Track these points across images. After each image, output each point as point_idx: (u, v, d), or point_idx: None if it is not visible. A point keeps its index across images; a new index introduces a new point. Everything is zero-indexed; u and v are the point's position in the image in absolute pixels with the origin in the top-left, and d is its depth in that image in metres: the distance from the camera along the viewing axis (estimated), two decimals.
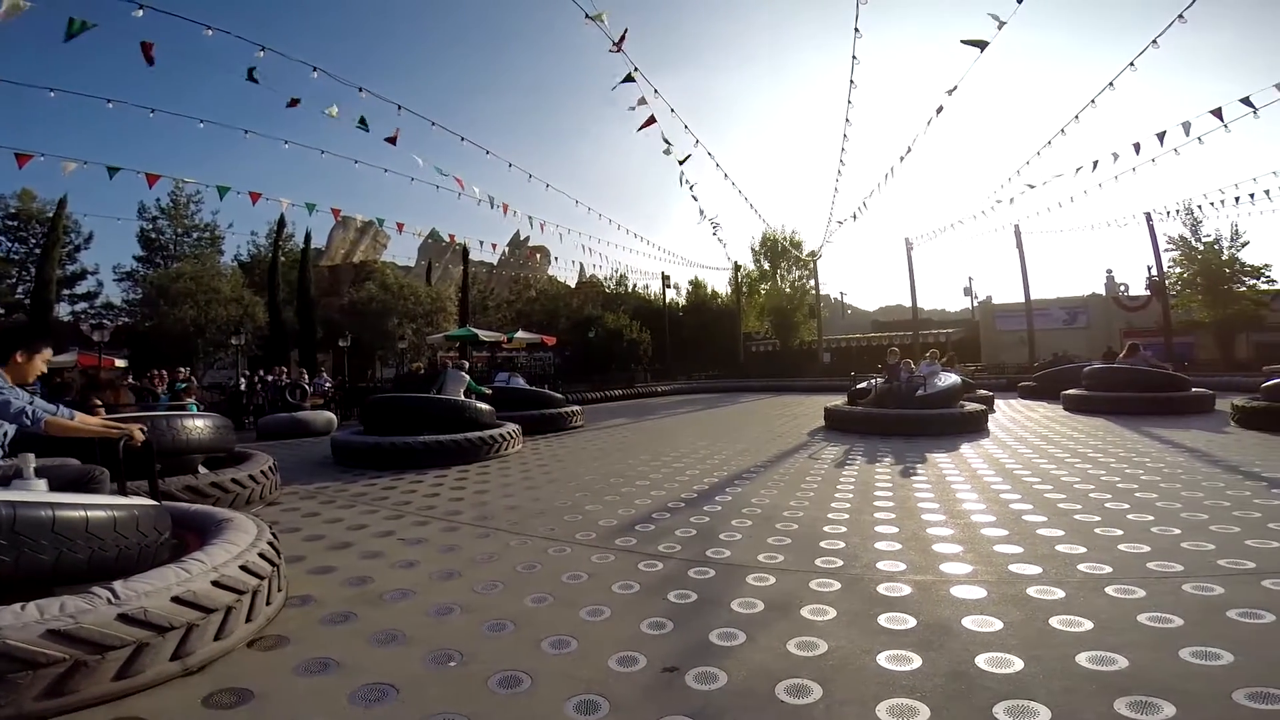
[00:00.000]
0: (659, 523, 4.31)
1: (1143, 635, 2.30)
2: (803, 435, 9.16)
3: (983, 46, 8.36)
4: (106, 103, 9.39)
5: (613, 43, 8.39)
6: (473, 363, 17.96)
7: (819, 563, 3.32)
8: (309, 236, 30.26)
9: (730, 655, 2.27)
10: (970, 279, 41.45)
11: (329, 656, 2.32)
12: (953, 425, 8.62)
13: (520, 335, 22.54)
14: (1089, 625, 2.39)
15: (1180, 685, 1.92)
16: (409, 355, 25.60)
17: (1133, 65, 8.97)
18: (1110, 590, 2.75)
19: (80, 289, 28.27)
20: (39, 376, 2.89)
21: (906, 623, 2.50)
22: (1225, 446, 6.71)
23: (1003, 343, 28.96)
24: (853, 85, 10.79)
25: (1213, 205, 16.71)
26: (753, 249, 32.97)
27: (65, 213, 24.85)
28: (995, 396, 13.08)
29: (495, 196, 13.36)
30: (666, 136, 10.85)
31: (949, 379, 9.89)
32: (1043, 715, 1.80)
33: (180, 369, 13.80)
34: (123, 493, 2.83)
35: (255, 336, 25.60)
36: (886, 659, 2.19)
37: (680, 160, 11.53)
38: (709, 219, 14.39)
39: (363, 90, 9.51)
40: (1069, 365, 15.70)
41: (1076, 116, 10.57)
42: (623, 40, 8.39)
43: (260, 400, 14.26)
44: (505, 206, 13.76)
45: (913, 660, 2.17)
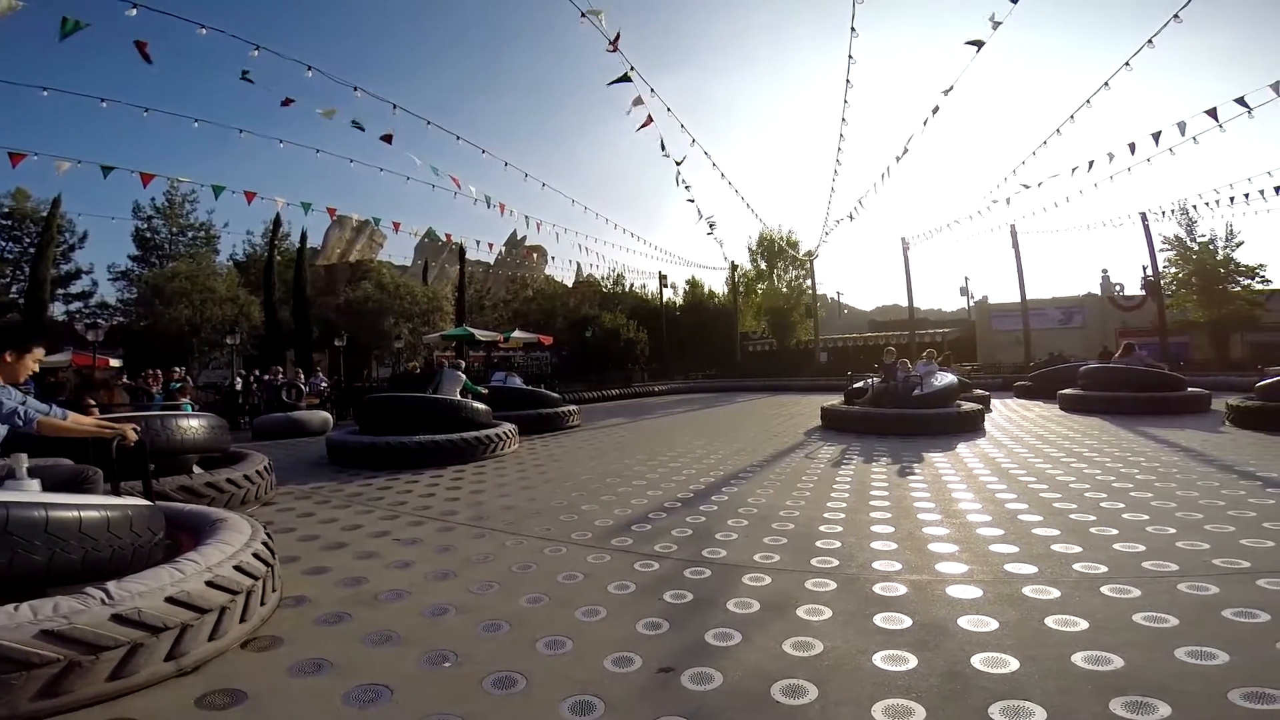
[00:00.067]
0: (655, 523, 4.30)
1: (1138, 635, 2.30)
2: (799, 435, 9.17)
3: (979, 46, 8.39)
4: (101, 102, 9.35)
5: (609, 42, 8.38)
6: (469, 362, 17.92)
7: (815, 563, 3.32)
8: (305, 236, 30.30)
9: (726, 655, 2.26)
10: (966, 279, 41.38)
11: (323, 657, 2.31)
12: (949, 425, 8.64)
13: (517, 335, 22.55)
14: (1084, 625, 2.40)
15: (1176, 685, 1.92)
16: (405, 355, 25.57)
17: (1129, 65, 9.00)
18: (1105, 590, 2.75)
19: (75, 288, 28.27)
20: (32, 376, 2.88)
21: (902, 622, 2.50)
22: (1220, 446, 6.74)
23: (999, 342, 29.09)
24: (849, 85, 10.79)
25: (1208, 205, 16.75)
26: (750, 249, 32.99)
27: (60, 212, 24.83)
28: (991, 396, 13.12)
29: (492, 196, 13.34)
30: (664, 137, 10.86)
31: (945, 378, 9.91)
32: (1038, 715, 1.80)
33: (175, 369, 13.70)
34: (116, 493, 2.82)
35: (250, 336, 25.58)
36: (882, 659, 2.19)
37: (677, 161, 11.53)
38: (705, 219, 14.33)
39: (358, 90, 9.49)
40: (1065, 365, 15.78)
41: (1072, 117, 10.58)
42: (617, 40, 8.39)
43: (256, 400, 14.23)
44: (502, 206, 13.75)
45: (908, 660, 2.17)
